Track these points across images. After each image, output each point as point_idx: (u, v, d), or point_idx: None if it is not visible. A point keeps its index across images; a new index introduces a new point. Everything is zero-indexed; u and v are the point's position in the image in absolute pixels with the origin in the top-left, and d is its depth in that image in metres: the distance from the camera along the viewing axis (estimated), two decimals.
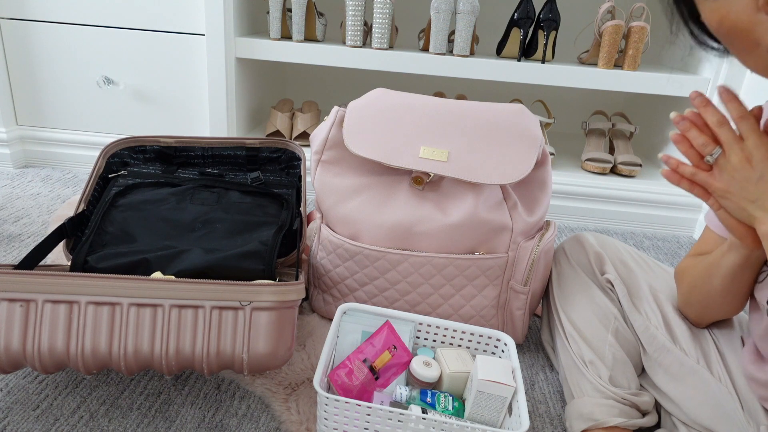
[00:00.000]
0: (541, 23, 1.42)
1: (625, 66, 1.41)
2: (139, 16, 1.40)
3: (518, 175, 0.80)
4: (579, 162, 1.60)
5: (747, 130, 0.52)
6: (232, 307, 0.64)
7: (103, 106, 1.51)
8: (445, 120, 0.84)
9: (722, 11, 0.46)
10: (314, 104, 1.67)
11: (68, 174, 1.55)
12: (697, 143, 0.54)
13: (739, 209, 0.53)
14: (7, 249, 1.11)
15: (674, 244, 1.41)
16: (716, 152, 0.53)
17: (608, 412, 0.70)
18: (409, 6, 1.79)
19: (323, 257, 0.91)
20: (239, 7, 1.43)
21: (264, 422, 0.72)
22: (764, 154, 0.50)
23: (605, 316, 0.78)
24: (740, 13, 0.45)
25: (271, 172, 1.07)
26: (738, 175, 0.52)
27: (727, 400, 0.66)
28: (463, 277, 0.85)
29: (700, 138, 0.54)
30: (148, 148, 1.03)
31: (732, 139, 0.52)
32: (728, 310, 0.68)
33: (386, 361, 0.71)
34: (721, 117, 0.53)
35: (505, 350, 0.77)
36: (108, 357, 0.64)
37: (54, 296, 0.63)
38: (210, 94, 1.45)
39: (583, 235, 0.87)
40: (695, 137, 0.54)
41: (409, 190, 0.86)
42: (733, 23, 0.46)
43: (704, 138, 0.54)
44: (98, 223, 0.88)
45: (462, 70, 1.41)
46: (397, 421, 0.63)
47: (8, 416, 0.70)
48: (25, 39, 1.45)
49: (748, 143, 0.51)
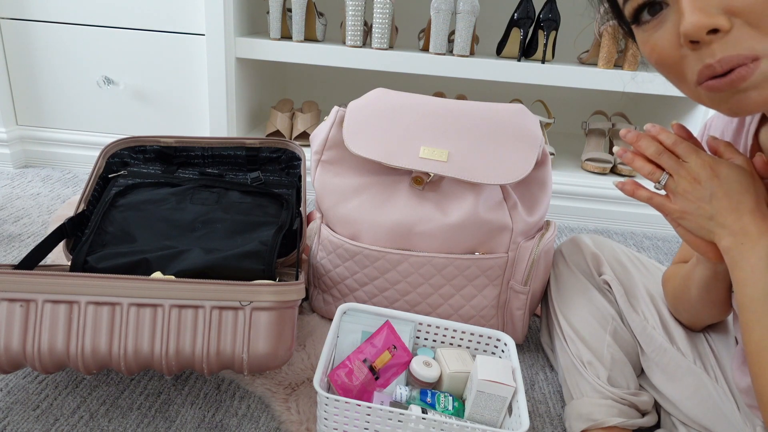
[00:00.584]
0: (541, 23, 1.42)
1: (625, 66, 1.41)
2: (139, 16, 1.40)
3: (518, 175, 0.80)
4: (579, 162, 1.60)
5: (685, 153, 0.53)
6: (232, 307, 0.64)
7: (103, 106, 1.51)
8: (445, 120, 0.84)
9: (651, 43, 0.47)
10: (314, 104, 1.67)
11: (68, 174, 1.55)
12: (644, 173, 0.55)
13: (698, 228, 0.54)
14: (7, 249, 1.11)
15: (674, 244, 1.41)
16: (663, 178, 0.55)
17: (607, 412, 0.70)
18: (409, 6, 1.79)
19: (323, 257, 0.91)
20: (239, 7, 1.43)
21: (264, 422, 0.72)
22: (709, 172, 0.52)
23: (603, 317, 0.78)
24: (666, 47, 0.46)
25: (271, 172, 1.07)
26: (690, 196, 0.53)
27: (724, 400, 0.66)
28: (463, 277, 0.85)
29: (645, 167, 0.55)
30: (148, 148, 1.03)
31: (674, 164, 0.54)
32: (714, 316, 0.68)
33: (386, 361, 0.71)
34: (656, 147, 0.54)
35: (505, 350, 0.77)
36: (108, 357, 0.64)
37: (54, 296, 0.63)
38: (210, 94, 1.45)
39: (579, 236, 0.87)
40: (641, 167, 0.56)
41: (409, 190, 0.86)
42: (660, 56, 0.47)
43: (650, 167, 0.55)
44: (98, 223, 0.88)
45: (462, 70, 1.41)
46: (397, 421, 0.63)
47: (8, 416, 0.70)
48: (25, 39, 1.45)
49: (691, 164, 0.53)
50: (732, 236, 0.51)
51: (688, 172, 0.53)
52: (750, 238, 0.50)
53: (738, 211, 0.51)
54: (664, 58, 0.47)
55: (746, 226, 0.50)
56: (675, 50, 0.46)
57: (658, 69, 0.49)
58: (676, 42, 0.45)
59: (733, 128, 0.61)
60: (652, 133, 0.55)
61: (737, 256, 0.50)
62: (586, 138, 1.61)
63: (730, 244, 0.51)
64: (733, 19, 0.41)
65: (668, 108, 1.61)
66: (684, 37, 0.43)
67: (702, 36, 0.42)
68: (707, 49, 0.43)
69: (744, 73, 0.43)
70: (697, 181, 0.52)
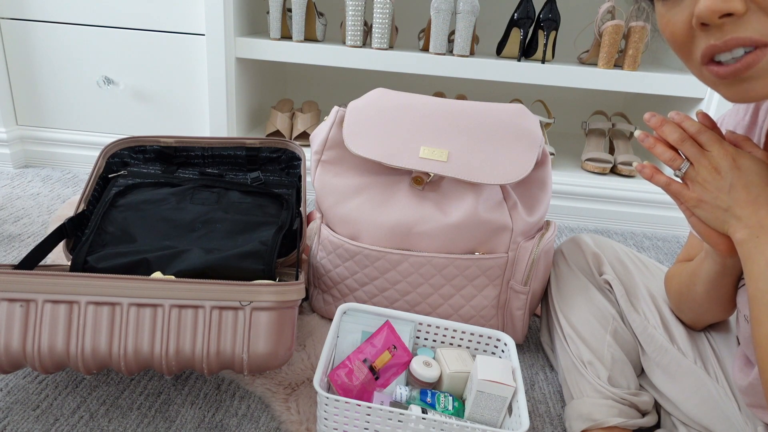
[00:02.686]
0: (541, 23, 1.42)
1: (625, 66, 1.41)
2: (139, 16, 1.40)
3: (518, 175, 0.80)
4: (579, 162, 1.60)
5: (708, 141, 0.53)
6: (232, 307, 0.64)
7: (103, 106, 1.51)
8: (445, 120, 0.84)
9: (667, 18, 0.48)
10: (314, 104, 1.67)
11: (68, 174, 1.55)
12: (664, 159, 0.55)
13: (713, 218, 0.54)
14: (7, 249, 1.11)
15: (674, 244, 1.41)
16: (684, 166, 0.54)
17: (608, 412, 0.70)
18: (409, 6, 1.79)
19: (323, 257, 0.91)
20: (239, 7, 1.43)
21: (264, 422, 0.72)
22: (730, 162, 0.52)
23: (604, 317, 0.78)
24: (679, 25, 0.47)
25: (271, 172, 1.07)
26: (709, 186, 0.53)
27: (724, 400, 0.66)
28: (463, 277, 0.85)
29: (666, 153, 0.55)
30: (148, 148, 1.03)
31: (697, 152, 0.53)
32: (718, 314, 0.68)
33: (386, 361, 0.71)
34: (680, 134, 0.54)
35: (505, 350, 0.77)
36: (108, 357, 0.64)
37: (54, 296, 0.63)
38: (210, 94, 1.45)
39: (580, 236, 0.87)
40: (661, 153, 0.55)
41: (409, 190, 0.86)
42: (672, 33, 0.48)
43: (671, 153, 0.55)
44: (98, 223, 0.88)
45: (462, 70, 1.41)
46: (397, 421, 0.63)
47: (8, 416, 0.70)
48: (25, 39, 1.45)
49: (713, 154, 0.52)
50: (747, 229, 0.51)
51: (710, 162, 0.52)
52: (766, 232, 0.49)
53: (755, 204, 0.50)
54: (676, 36, 0.48)
55: (762, 220, 0.50)
56: (687, 29, 0.47)
57: (669, 44, 0.50)
58: (689, 21, 0.46)
59: (745, 124, 0.60)
60: (676, 120, 0.55)
61: (752, 250, 0.50)
62: (586, 138, 1.61)
63: (745, 237, 0.51)
64: (749, 3, 0.42)
65: (668, 108, 1.61)
66: (696, 18, 0.44)
67: (714, 20, 0.43)
68: (718, 32, 0.44)
69: (750, 60, 0.43)
70: (718, 171, 0.52)
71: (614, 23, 1.36)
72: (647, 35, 1.38)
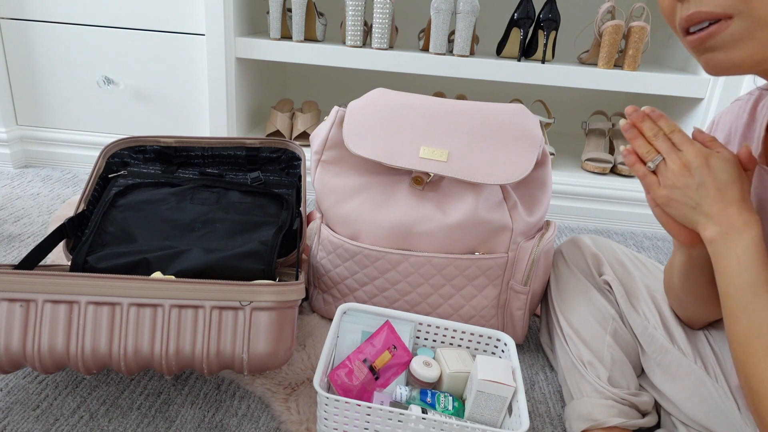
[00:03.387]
0: (541, 23, 1.42)
1: (625, 66, 1.41)
2: (139, 16, 1.40)
3: (518, 175, 0.80)
4: (579, 162, 1.60)
5: (681, 141, 0.55)
6: (232, 307, 0.64)
7: (103, 106, 1.51)
8: (445, 120, 0.84)
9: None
10: (314, 104, 1.67)
11: (68, 174, 1.55)
12: (641, 151, 0.57)
13: (682, 215, 0.55)
14: (7, 249, 1.11)
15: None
16: (657, 159, 0.56)
17: (608, 412, 0.70)
18: (409, 6, 1.79)
19: (323, 257, 0.91)
20: (239, 7, 1.43)
21: (264, 422, 0.72)
22: (701, 161, 0.53)
23: (603, 318, 0.78)
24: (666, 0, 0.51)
25: (271, 172, 1.07)
26: (679, 182, 0.54)
27: (724, 400, 0.66)
28: (463, 277, 0.85)
29: (644, 147, 0.57)
30: (148, 148, 1.03)
31: (669, 148, 0.55)
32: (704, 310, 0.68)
33: (386, 361, 0.71)
34: (655, 130, 0.56)
35: (505, 350, 0.77)
36: (108, 357, 0.64)
37: (54, 296, 0.63)
38: (210, 94, 1.45)
39: (579, 237, 0.87)
40: (640, 145, 0.57)
41: (409, 190, 0.86)
42: (662, 7, 0.52)
43: (648, 147, 0.57)
44: (98, 223, 0.88)
45: (462, 70, 1.41)
46: (397, 421, 0.63)
47: (8, 416, 0.70)
48: (25, 39, 1.45)
49: (685, 152, 0.54)
50: (717, 226, 0.52)
51: (680, 158, 0.54)
52: (735, 229, 0.51)
53: (723, 202, 0.52)
54: (664, 9, 0.52)
55: (731, 218, 0.51)
56: (671, 3, 0.50)
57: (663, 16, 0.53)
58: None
59: (744, 122, 0.61)
60: (653, 117, 0.57)
61: (722, 247, 0.51)
62: (586, 138, 1.61)
63: (715, 235, 0.52)
64: None
65: (668, 108, 1.61)
66: None
67: None
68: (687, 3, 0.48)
69: (713, 30, 0.47)
70: (688, 168, 0.53)
71: (614, 23, 1.36)
72: (647, 35, 1.38)
